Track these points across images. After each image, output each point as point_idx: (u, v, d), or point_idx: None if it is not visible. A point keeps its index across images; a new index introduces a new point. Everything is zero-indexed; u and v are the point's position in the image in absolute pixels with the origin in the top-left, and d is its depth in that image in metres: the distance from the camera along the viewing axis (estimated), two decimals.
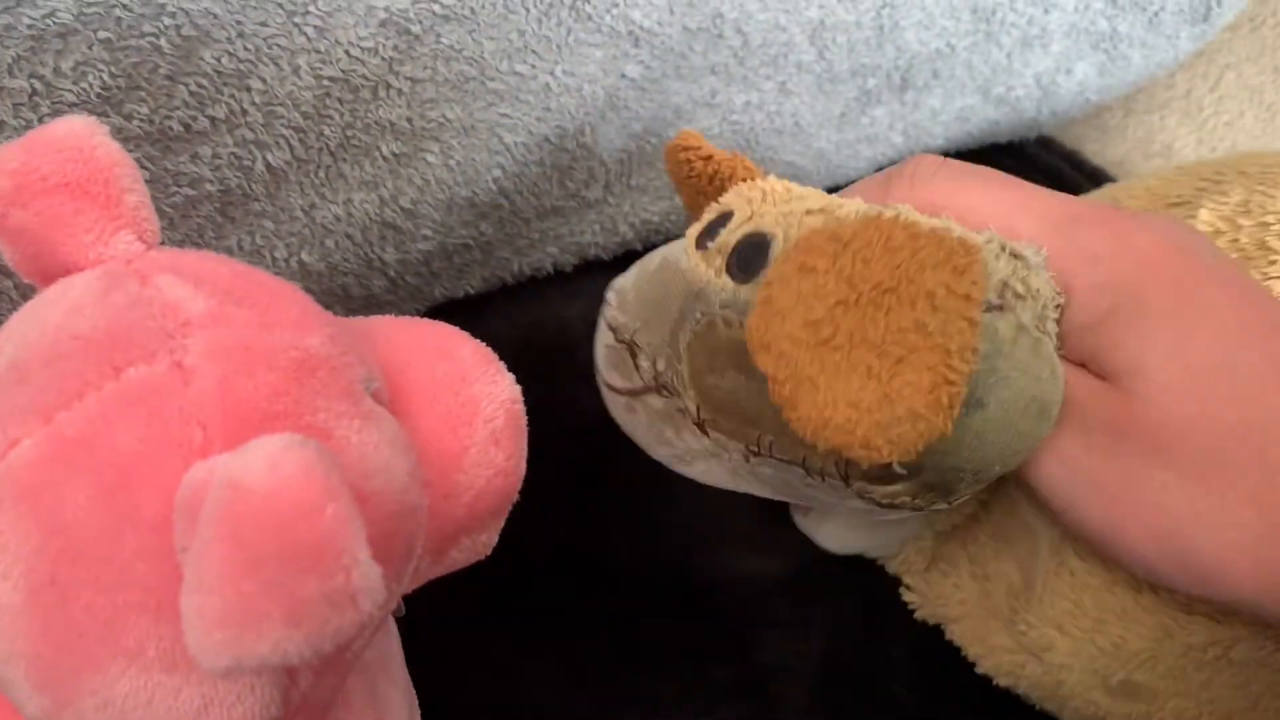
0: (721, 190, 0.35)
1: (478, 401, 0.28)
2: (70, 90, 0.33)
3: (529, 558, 0.46)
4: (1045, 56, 0.55)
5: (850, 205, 0.30)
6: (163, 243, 0.26)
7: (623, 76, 0.43)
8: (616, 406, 0.37)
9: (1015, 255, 0.28)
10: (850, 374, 0.25)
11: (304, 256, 0.42)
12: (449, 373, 0.28)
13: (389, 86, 0.38)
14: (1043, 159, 0.63)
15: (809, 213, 0.30)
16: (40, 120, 0.33)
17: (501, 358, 0.51)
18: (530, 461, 0.48)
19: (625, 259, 0.54)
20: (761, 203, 0.31)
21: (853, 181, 0.55)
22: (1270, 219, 0.38)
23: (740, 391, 0.31)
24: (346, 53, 0.37)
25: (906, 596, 0.41)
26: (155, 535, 0.20)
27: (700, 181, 0.37)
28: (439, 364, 0.28)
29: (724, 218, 0.32)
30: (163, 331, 0.22)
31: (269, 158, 0.38)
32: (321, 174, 0.40)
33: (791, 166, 0.53)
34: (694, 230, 0.33)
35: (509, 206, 0.46)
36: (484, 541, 0.29)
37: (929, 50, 0.51)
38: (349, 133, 0.39)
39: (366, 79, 0.38)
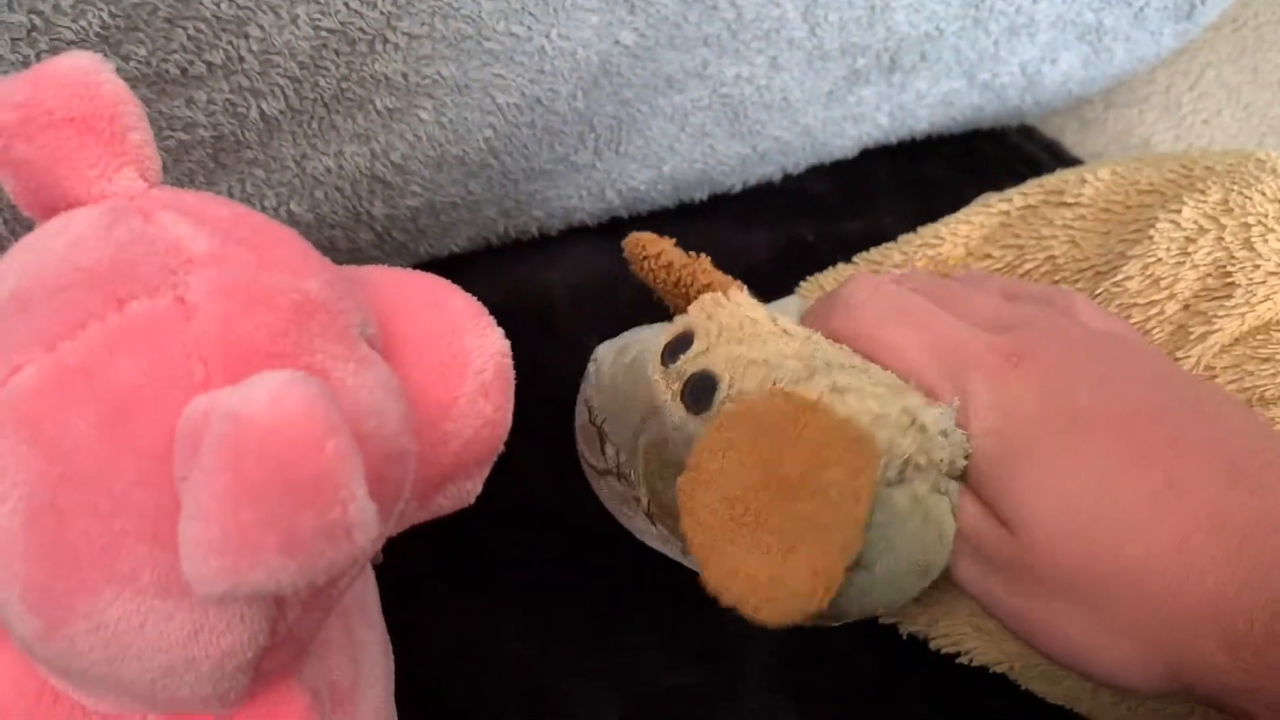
0: (684, 292, 0.39)
1: (468, 353, 0.28)
2: (69, 28, 0.33)
3: (503, 515, 0.46)
4: (1031, 46, 0.56)
5: (787, 367, 0.33)
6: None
7: (617, 43, 0.44)
8: (587, 474, 0.41)
9: (921, 429, 0.31)
10: (752, 550, 0.30)
11: (293, 206, 0.43)
12: (440, 324, 0.28)
13: (386, 41, 0.39)
14: (1024, 147, 0.64)
15: (752, 363, 0.34)
16: (38, 56, 0.33)
17: None
18: (512, 428, 0.49)
19: (611, 226, 0.55)
20: (717, 337, 0.35)
21: (837, 160, 0.56)
22: (1251, 219, 0.40)
23: None
24: (345, 4, 0.37)
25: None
26: (154, 464, 0.21)
27: (661, 286, 0.40)
28: (431, 315, 0.29)
29: (686, 340, 0.36)
30: (165, 268, 0.23)
31: (263, 106, 0.38)
32: (314, 125, 0.40)
33: (778, 141, 0.53)
34: (664, 338, 0.37)
35: (498, 167, 0.46)
36: (469, 489, 0.30)
37: (918, 33, 0.51)
38: (344, 85, 0.39)
39: (364, 32, 0.38)
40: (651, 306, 0.53)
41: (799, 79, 0.51)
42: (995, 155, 0.62)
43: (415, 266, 0.51)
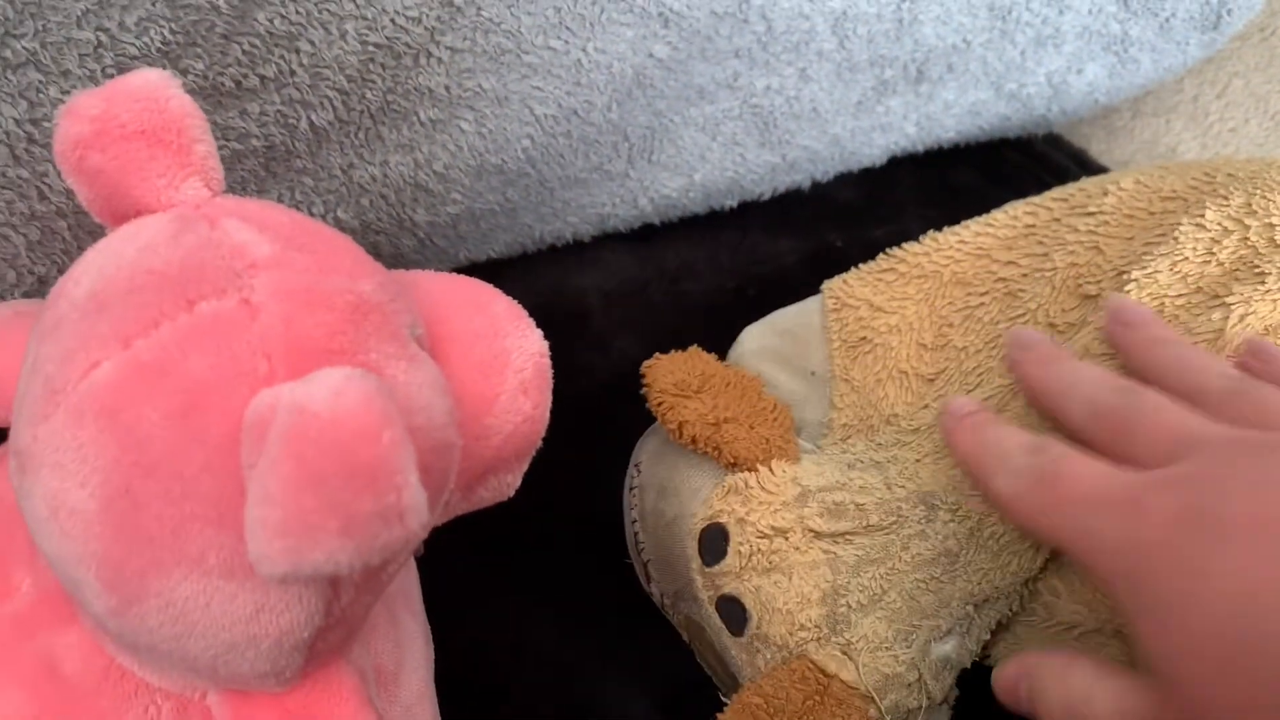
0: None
1: (509, 353, 0.30)
2: (132, 44, 0.35)
3: (536, 511, 0.48)
4: (1057, 56, 0.57)
5: (808, 622, 0.38)
6: None
7: (650, 56, 0.45)
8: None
9: (926, 684, 0.37)
10: None
11: (340, 214, 0.44)
12: (483, 325, 0.30)
13: (430, 55, 0.40)
14: (1050, 156, 0.65)
15: (777, 611, 0.38)
16: (104, 71, 0.35)
17: None
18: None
19: (643, 232, 0.56)
20: (748, 561, 0.39)
21: (865, 168, 0.57)
22: (1275, 220, 0.41)
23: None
24: (392, 20, 0.39)
25: None
26: (221, 454, 0.22)
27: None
28: (474, 316, 0.30)
29: (720, 534, 0.39)
30: (231, 271, 0.24)
31: (313, 117, 0.40)
32: (361, 135, 0.42)
33: (807, 150, 0.55)
34: (698, 521, 0.40)
35: (535, 175, 0.48)
36: (509, 482, 0.31)
37: (945, 45, 0.53)
38: (389, 97, 0.41)
39: (409, 46, 0.40)
40: (680, 311, 0.54)
41: (828, 90, 0.52)
42: (1021, 163, 0.63)
43: (455, 271, 0.53)
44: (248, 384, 0.23)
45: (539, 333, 0.31)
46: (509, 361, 0.30)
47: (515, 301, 0.32)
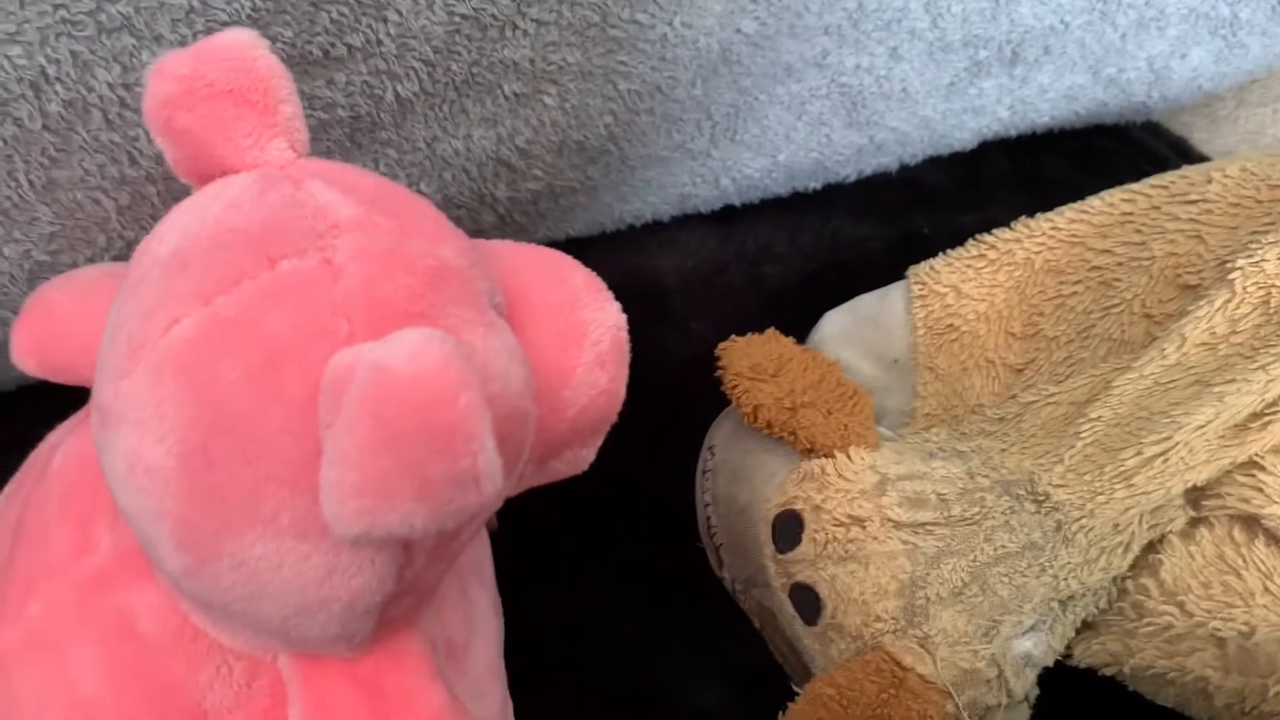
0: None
1: (586, 325, 0.29)
2: (223, 9, 0.35)
3: (611, 491, 0.47)
4: (1160, 39, 0.55)
5: (885, 613, 0.37)
6: None
7: (738, 31, 0.44)
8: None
9: (1006, 681, 0.36)
10: None
11: (422, 187, 0.44)
12: (562, 297, 0.30)
13: (515, 27, 0.40)
14: (1148, 144, 0.62)
15: (853, 601, 0.37)
16: (195, 36, 0.36)
17: None
18: (621, 408, 0.50)
19: (723, 213, 0.56)
20: (823, 549, 0.38)
21: (955, 152, 0.55)
22: None
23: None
24: None
25: None
26: (298, 414, 0.22)
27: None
28: (553, 288, 0.30)
29: (794, 521, 0.39)
30: (314, 231, 0.24)
31: (399, 88, 0.40)
32: (446, 108, 0.42)
33: (895, 132, 0.53)
34: (773, 506, 0.39)
35: (617, 153, 0.47)
36: (583, 456, 0.31)
37: (1043, 25, 0.51)
38: (474, 70, 0.41)
39: (495, 18, 0.39)
40: (759, 294, 0.54)
41: (919, 70, 0.51)
42: (1117, 151, 0.61)
43: None
44: (327, 344, 0.23)
45: (617, 305, 0.31)
46: (586, 334, 0.29)
47: (594, 274, 0.31)
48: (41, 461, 0.33)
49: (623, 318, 0.31)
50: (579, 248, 0.54)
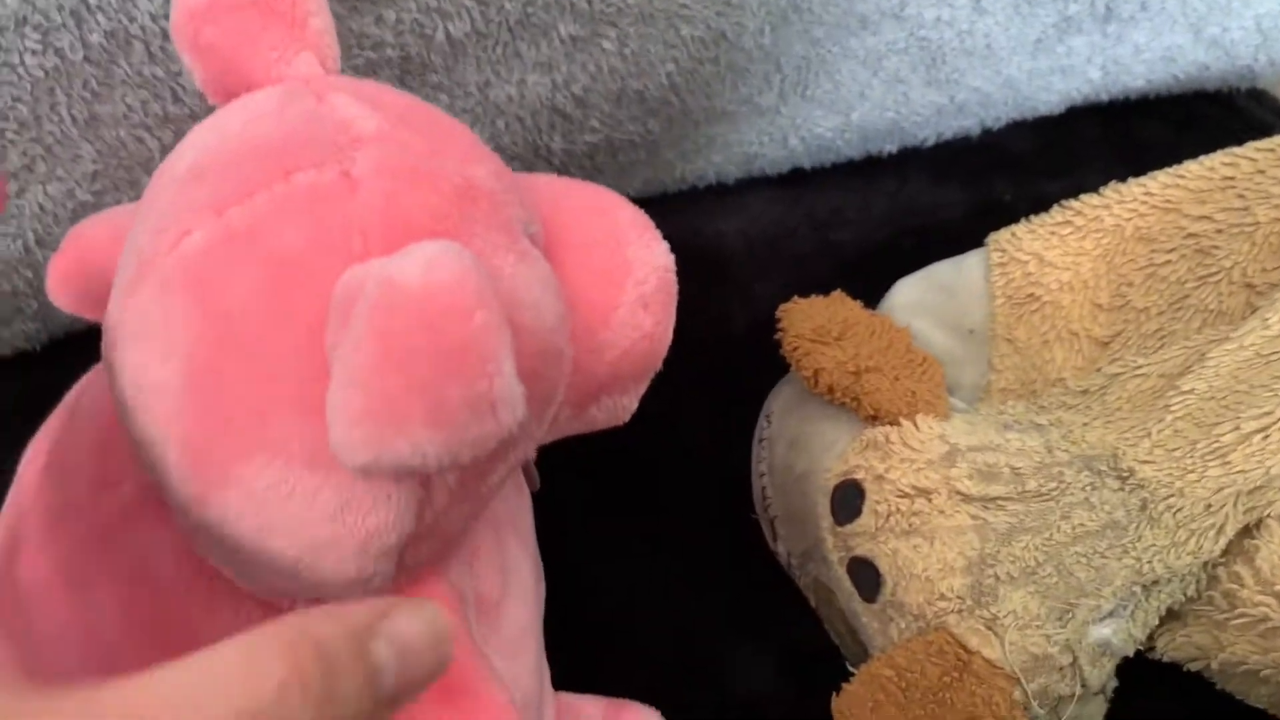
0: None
1: (631, 264, 0.27)
2: None
3: (665, 459, 0.46)
4: None
5: (950, 592, 0.34)
6: None
7: None
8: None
9: (1080, 669, 0.34)
10: None
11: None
12: (605, 232, 0.28)
13: None
14: (1252, 112, 0.58)
15: (915, 577, 0.34)
16: None
17: None
18: (672, 365, 0.48)
19: (792, 176, 0.53)
20: (885, 521, 0.35)
21: (1041, 116, 0.52)
22: None
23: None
24: None
25: None
26: (308, 333, 0.21)
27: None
28: (596, 222, 0.28)
29: (854, 491, 0.36)
30: (334, 144, 0.23)
31: (450, 27, 0.39)
32: (499, 50, 0.40)
33: (978, 92, 0.50)
34: (833, 475, 0.37)
35: (678, 105, 0.45)
36: (624, 405, 0.29)
37: None
38: (529, 9, 0.39)
39: None
40: (828, 260, 0.51)
41: (1004, 24, 0.48)
42: (1219, 119, 0.57)
43: None
44: (340, 260, 0.21)
45: (665, 245, 0.29)
46: (630, 272, 0.27)
47: (641, 211, 0.29)
48: (71, 402, 0.32)
49: (670, 258, 0.29)
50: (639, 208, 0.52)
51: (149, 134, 0.38)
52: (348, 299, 0.20)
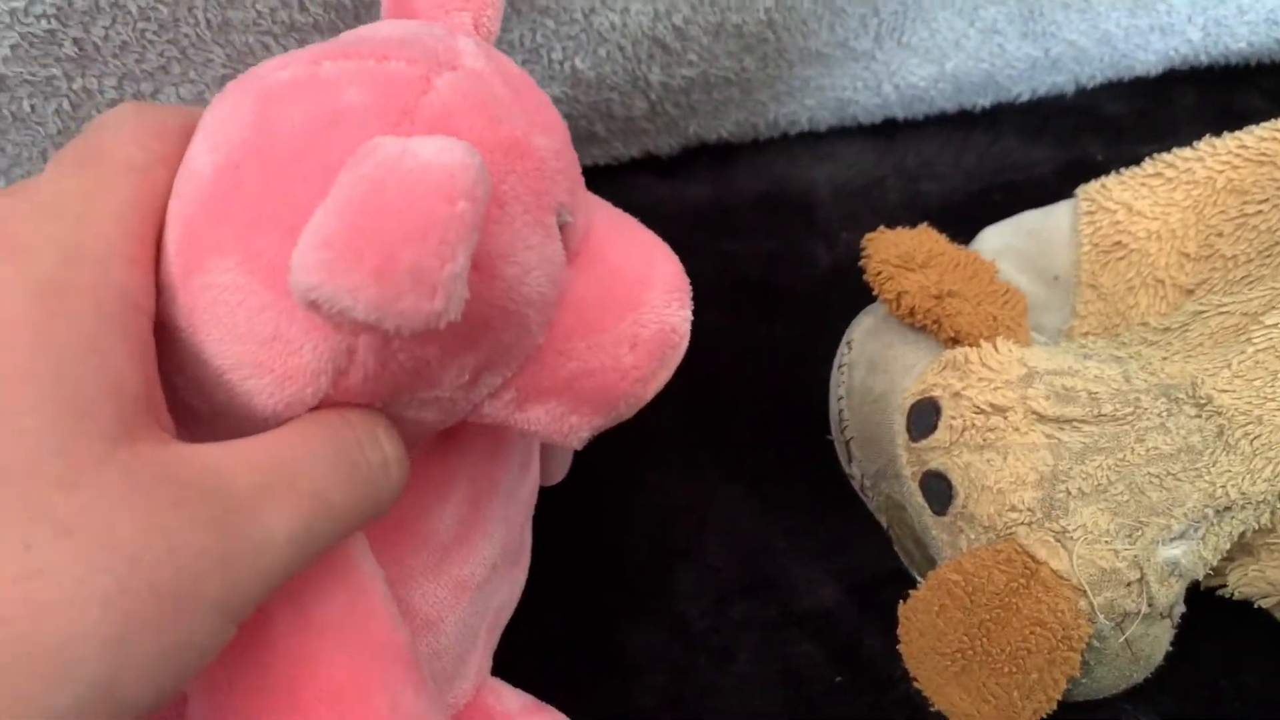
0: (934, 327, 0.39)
1: (642, 305, 0.28)
2: None
3: (743, 392, 0.47)
4: None
5: (1020, 503, 0.35)
6: None
7: None
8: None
9: (1147, 585, 0.34)
10: (964, 692, 0.34)
11: (577, 62, 0.44)
12: (638, 269, 0.28)
13: None
14: None
15: (987, 489, 0.35)
16: None
17: (742, 207, 0.52)
18: (757, 300, 0.49)
19: (884, 127, 0.54)
20: (960, 435, 0.36)
21: (1138, 77, 0.52)
22: None
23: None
24: None
25: None
26: (325, 173, 0.22)
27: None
28: (636, 256, 0.29)
29: (931, 409, 0.37)
30: (435, 57, 0.25)
31: None
32: None
33: (1074, 47, 0.50)
34: (910, 394, 0.38)
35: (774, 42, 0.46)
36: (571, 424, 0.28)
37: None
38: None
39: None
40: (916, 211, 0.52)
41: None
42: None
43: (684, 148, 0.52)
44: (384, 127, 0.23)
45: (688, 313, 0.29)
46: (637, 311, 0.28)
47: (684, 275, 0.30)
48: None
49: (686, 326, 0.29)
50: (730, 153, 0.54)
51: (275, 41, 0.40)
52: (366, 153, 0.21)
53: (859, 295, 0.42)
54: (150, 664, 0.18)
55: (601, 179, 0.52)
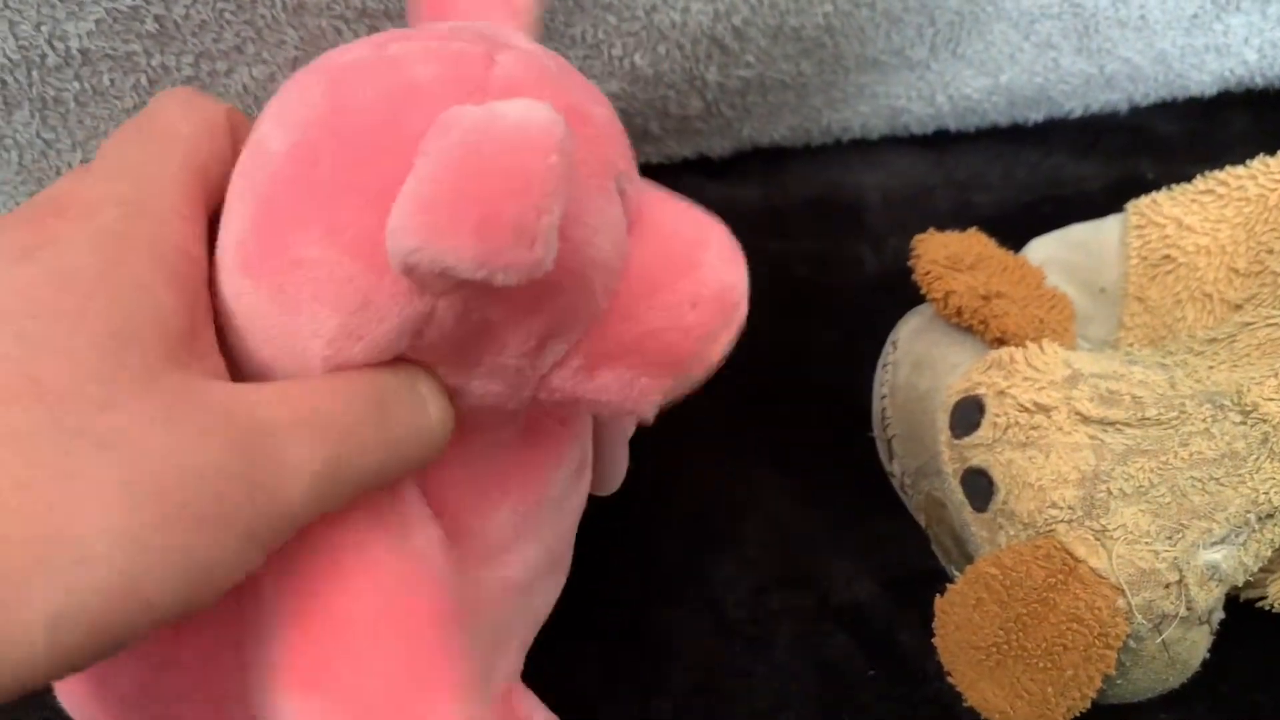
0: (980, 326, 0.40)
1: (701, 265, 0.28)
2: None
3: (788, 389, 0.47)
4: None
5: (1061, 500, 0.35)
6: None
7: None
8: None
9: (1187, 587, 0.34)
10: (997, 687, 0.35)
11: (636, 59, 0.45)
12: (693, 232, 0.29)
13: None
14: None
15: (1028, 486, 0.35)
16: None
17: (792, 210, 0.53)
18: (804, 300, 0.50)
19: (935, 138, 0.54)
20: (1003, 433, 0.36)
21: (1192, 97, 0.52)
22: None
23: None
24: None
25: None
26: (404, 143, 0.23)
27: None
28: (688, 220, 0.29)
29: (975, 406, 0.37)
30: (492, 41, 0.26)
31: None
32: None
33: (1128, 65, 0.51)
34: (954, 392, 0.38)
35: (831, 48, 0.47)
36: (640, 386, 0.28)
37: None
38: None
39: None
40: (965, 221, 0.52)
41: None
42: None
43: (737, 151, 0.53)
44: (460, 97, 0.24)
45: (743, 270, 0.29)
46: (696, 270, 0.28)
47: (735, 240, 0.30)
48: None
49: (743, 283, 0.29)
50: (783, 157, 0.54)
51: (346, 26, 0.41)
52: (453, 120, 0.22)
53: (905, 300, 0.43)
54: (173, 574, 0.20)
55: (654, 178, 0.53)
